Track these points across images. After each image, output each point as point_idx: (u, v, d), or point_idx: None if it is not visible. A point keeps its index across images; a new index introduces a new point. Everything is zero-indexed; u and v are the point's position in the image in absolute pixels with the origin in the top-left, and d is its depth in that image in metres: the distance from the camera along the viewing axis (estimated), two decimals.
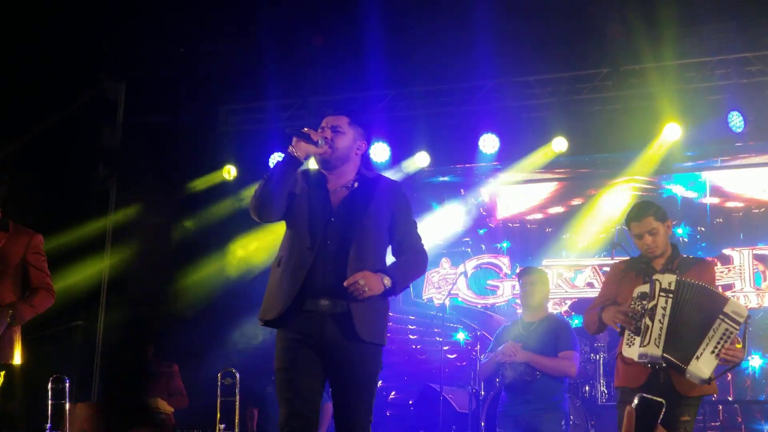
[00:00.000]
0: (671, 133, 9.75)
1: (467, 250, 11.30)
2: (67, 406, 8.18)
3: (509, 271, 10.95)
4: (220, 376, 8.85)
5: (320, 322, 4.46)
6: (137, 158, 11.29)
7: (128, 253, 10.80)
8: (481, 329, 9.72)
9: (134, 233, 10.85)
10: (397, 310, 10.78)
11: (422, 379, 10.11)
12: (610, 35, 10.08)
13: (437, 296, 11.11)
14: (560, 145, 10.23)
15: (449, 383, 9.47)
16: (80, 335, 10.77)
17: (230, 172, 11.27)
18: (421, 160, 10.78)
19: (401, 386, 10.32)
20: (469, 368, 9.03)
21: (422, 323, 11.04)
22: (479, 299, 11.12)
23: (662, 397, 3.06)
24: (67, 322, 10.50)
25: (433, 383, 9.23)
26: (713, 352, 5.11)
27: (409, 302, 11.18)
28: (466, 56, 10.15)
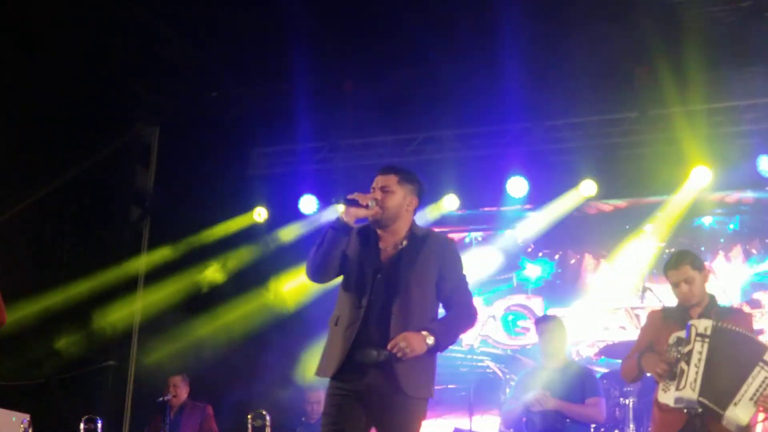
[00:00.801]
0: (700, 177, 9.78)
1: (498, 289, 11.24)
2: None
3: (541, 312, 10.89)
4: (250, 417, 8.91)
5: (366, 374, 4.59)
6: (170, 201, 11.42)
7: (160, 294, 10.89)
8: (509, 373, 9.68)
9: (166, 274, 10.94)
10: None
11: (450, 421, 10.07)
12: (637, 80, 10.13)
13: (467, 337, 11.05)
14: (589, 188, 10.27)
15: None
16: (112, 375, 10.85)
17: (261, 214, 11.35)
18: (449, 203, 10.84)
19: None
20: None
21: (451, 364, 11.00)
22: (510, 340, 11.06)
23: None
24: (99, 362, 10.59)
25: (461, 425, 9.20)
26: (752, 399, 5.11)
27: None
28: (494, 99, 10.19)
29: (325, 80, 10.55)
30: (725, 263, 10.40)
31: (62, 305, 10.04)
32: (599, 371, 9.63)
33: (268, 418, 8.86)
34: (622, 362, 5.87)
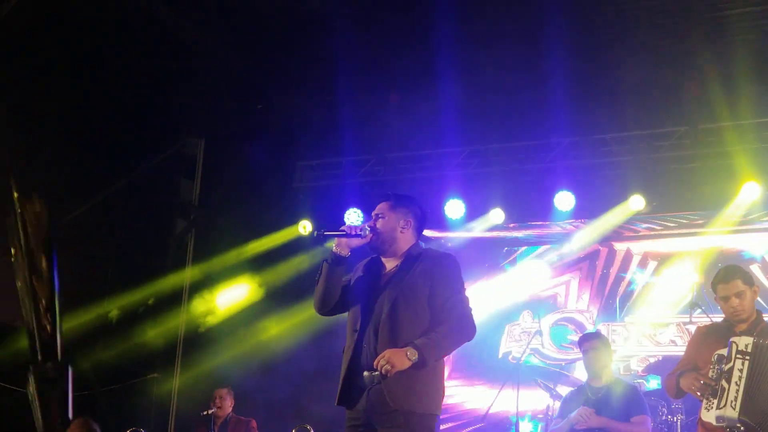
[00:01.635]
0: (750, 192, 9.65)
1: (547, 303, 11.11)
2: None
3: (592, 326, 10.76)
4: None
5: (366, 397, 4.72)
6: (215, 213, 11.45)
7: (204, 306, 10.90)
8: (556, 389, 9.56)
9: (211, 287, 10.96)
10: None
11: None
12: (687, 94, 10.03)
13: (516, 349, 10.93)
14: (637, 203, 10.17)
15: None
16: (156, 388, 10.87)
17: (306, 227, 11.36)
18: (495, 216, 10.78)
19: None
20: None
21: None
22: (559, 354, 10.93)
23: None
24: (144, 374, 10.62)
25: None
26: None
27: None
28: (541, 113, 10.16)
29: (370, 93, 10.54)
30: None
31: (107, 317, 10.09)
32: (648, 387, 9.51)
33: None
34: (664, 379, 5.77)
